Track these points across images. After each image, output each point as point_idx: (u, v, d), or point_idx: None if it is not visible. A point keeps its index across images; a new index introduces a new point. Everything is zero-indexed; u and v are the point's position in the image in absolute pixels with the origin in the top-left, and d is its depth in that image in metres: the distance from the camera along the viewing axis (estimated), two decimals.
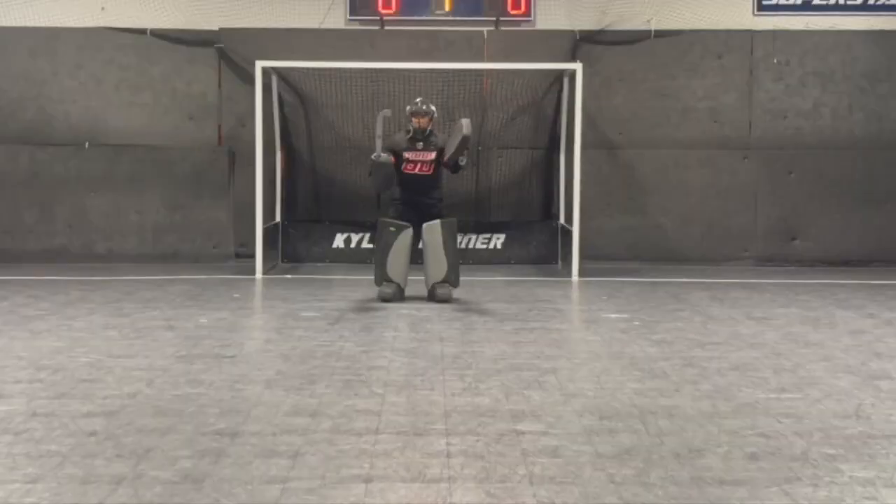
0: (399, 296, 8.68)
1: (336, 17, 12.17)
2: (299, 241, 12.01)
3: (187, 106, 12.18)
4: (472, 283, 9.81)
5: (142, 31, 12.03)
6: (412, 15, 12.15)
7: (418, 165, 8.77)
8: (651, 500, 3.86)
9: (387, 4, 12.07)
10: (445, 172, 8.95)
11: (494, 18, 12.13)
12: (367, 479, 4.05)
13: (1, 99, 12.07)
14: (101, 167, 11.94)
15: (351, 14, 12.16)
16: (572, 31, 12.08)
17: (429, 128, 8.79)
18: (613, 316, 8.23)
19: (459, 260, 9.02)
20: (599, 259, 11.70)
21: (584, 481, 4.07)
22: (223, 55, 12.09)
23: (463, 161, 8.75)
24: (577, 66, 10.90)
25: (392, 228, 8.64)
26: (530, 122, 12.09)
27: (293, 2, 12.03)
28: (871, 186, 12.05)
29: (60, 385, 5.62)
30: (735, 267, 11.83)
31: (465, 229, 11.94)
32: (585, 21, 12.11)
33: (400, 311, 8.30)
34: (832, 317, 8.28)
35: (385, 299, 8.61)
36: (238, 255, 11.96)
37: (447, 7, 12.14)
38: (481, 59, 11.99)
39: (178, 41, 12.06)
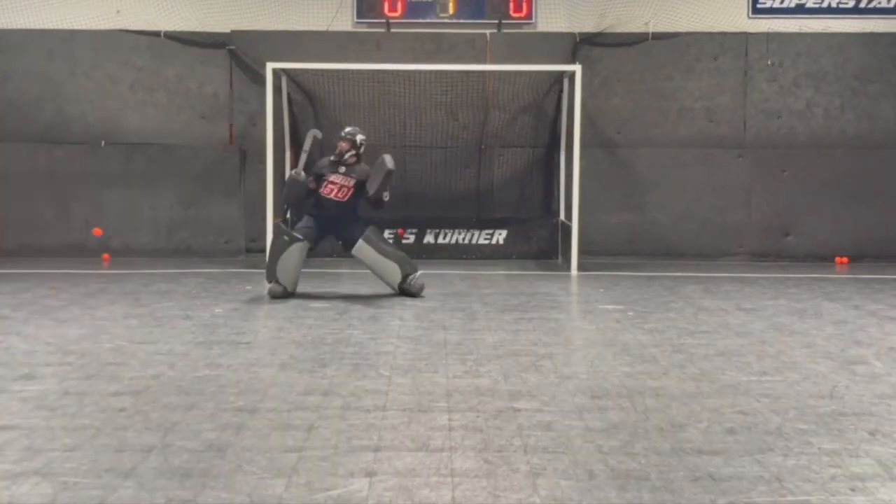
0: (285, 294, 8.88)
1: (344, 20, 12.50)
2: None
3: (200, 106, 12.52)
4: (475, 277, 10.19)
5: (156, 34, 12.38)
6: (417, 18, 12.47)
7: (335, 190, 8.98)
8: (634, 467, 4.24)
9: (393, 8, 12.40)
10: (363, 205, 9.10)
11: (497, 21, 12.44)
12: (376, 449, 4.43)
13: (20, 99, 12.43)
14: (116, 165, 12.29)
15: (358, 17, 12.49)
16: (572, 34, 12.40)
17: (347, 154, 9.00)
18: (609, 307, 8.59)
19: (400, 249, 9.24)
20: (598, 254, 12.06)
21: (574, 451, 4.44)
22: (235, 57, 12.43)
23: (386, 197, 8.95)
24: (577, 68, 11.21)
25: (285, 237, 8.87)
26: (531, 122, 12.41)
27: (302, 5, 12.35)
28: (862, 184, 12.35)
29: (88, 368, 6.01)
30: (729, 262, 12.18)
31: (468, 225, 12.32)
32: (585, 24, 12.42)
33: (405, 302, 8.68)
34: (818, 308, 8.63)
35: (275, 296, 8.86)
36: (248, 251, 12.32)
37: (451, 10, 12.45)
38: (484, 61, 12.30)
39: (191, 43, 12.40)
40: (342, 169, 9.03)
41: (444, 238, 12.26)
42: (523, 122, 12.39)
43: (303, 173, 8.94)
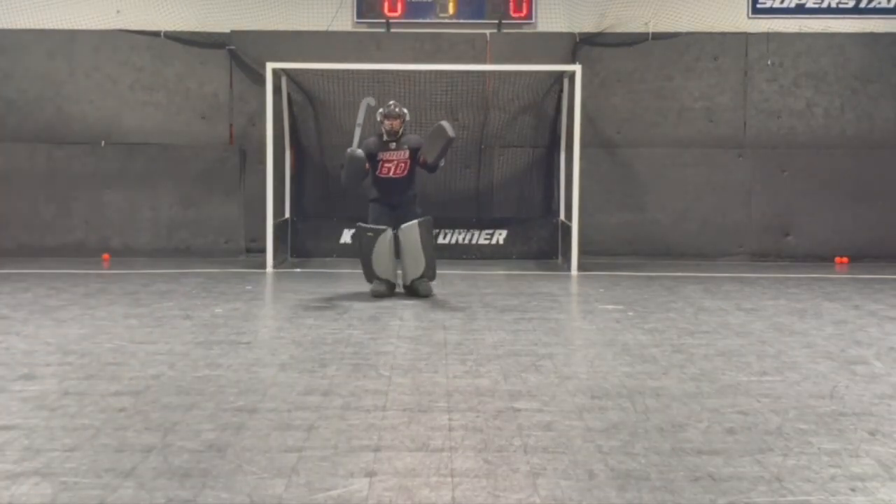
0: (390, 291, 8.97)
1: (343, 20, 12.51)
2: (308, 236, 12.35)
3: (200, 106, 12.53)
4: (475, 277, 10.20)
5: (156, 34, 12.39)
6: (417, 18, 12.48)
7: (393, 167, 8.98)
8: (634, 466, 4.24)
9: (393, 8, 12.41)
10: (419, 172, 9.15)
11: (497, 21, 12.45)
12: (376, 449, 4.43)
13: (20, 99, 12.44)
14: (116, 165, 12.29)
15: (358, 17, 12.50)
16: (572, 34, 12.41)
17: (401, 130, 9.01)
18: (609, 307, 8.60)
19: (436, 255, 9.22)
20: (598, 254, 12.06)
21: (574, 451, 4.44)
22: (235, 57, 12.44)
23: (442, 163, 8.99)
24: (577, 68, 11.21)
25: (370, 234, 8.89)
26: (531, 122, 12.42)
27: (302, 5, 12.37)
28: (862, 184, 12.35)
29: (88, 367, 6.01)
30: (729, 262, 12.19)
31: (468, 225, 12.32)
32: (585, 24, 12.43)
33: (405, 303, 8.68)
34: (818, 308, 8.63)
35: (378, 295, 8.89)
36: (249, 251, 12.32)
37: (451, 10, 12.46)
38: (484, 61, 12.31)
39: (191, 43, 12.42)
40: (392, 145, 8.97)
41: (444, 238, 12.26)
42: (523, 122, 12.40)
43: (359, 150, 8.83)
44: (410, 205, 9.11)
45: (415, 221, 8.89)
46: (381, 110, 9.09)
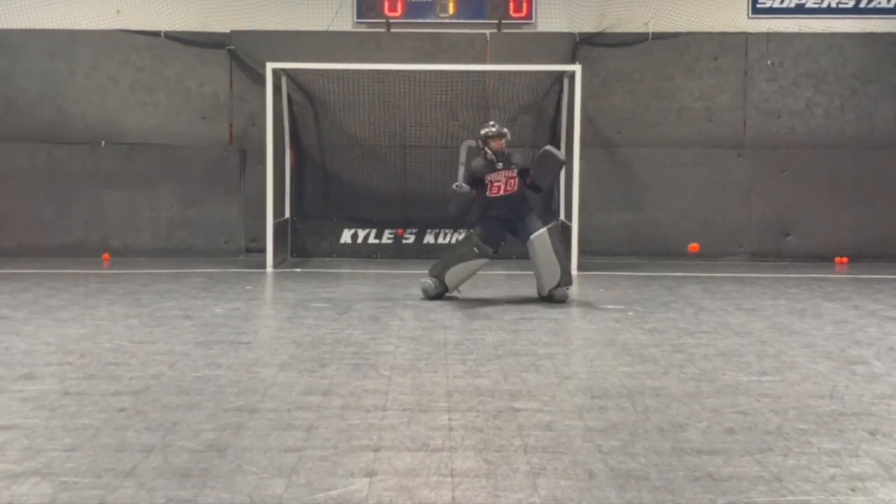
0: (439, 295, 8.89)
1: (343, 20, 12.52)
2: (308, 236, 12.36)
3: (200, 106, 12.54)
4: (475, 277, 10.14)
5: (156, 34, 12.41)
6: (417, 18, 12.50)
7: (503, 185, 8.85)
8: (634, 466, 4.24)
9: (393, 8, 12.42)
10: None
11: (497, 21, 12.47)
12: (376, 449, 4.43)
13: (20, 99, 12.45)
14: (116, 165, 12.31)
15: (358, 17, 12.51)
16: (572, 34, 12.42)
17: (506, 149, 8.91)
18: (609, 307, 8.60)
19: (569, 260, 9.08)
20: (598, 254, 12.07)
21: (574, 451, 4.44)
22: (235, 57, 12.45)
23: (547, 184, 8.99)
24: (577, 68, 11.23)
25: (476, 249, 8.80)
26: (531, 122, 12.43)
27: (302, 5, 12.37)
28: (862, 184, 12.37)
29: (88, 367, 6.01)
30: (729, 262, 12.19)
31: (468, 225, 12.27)
32: (585, 24, 12.44)
33: (406, 303, 8.68)
34: (818, 308, 8.63)
35: (426, 293, 8.86)
36: (249, 250, 12.33)
37: (451, 10, 12.47)
38: (484, 61, 12.32)
39: (191, 43, 12.43)
40: (499, 165, 8.88)
41: (445, 238, 12.26)
42: (523, 122, 12.41)
43: (465, 185, 8.81)
44: (530, 214, 8.97)
45: (544, 229, 8.76)
46: (483, 131, 8.96)
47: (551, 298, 8.82)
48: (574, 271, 10.89)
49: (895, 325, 7.81)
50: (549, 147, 8.98)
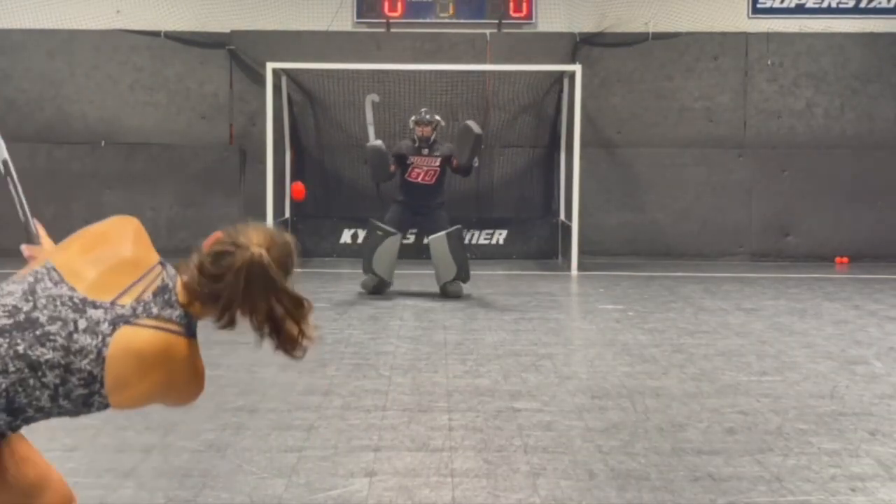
0: (381, 288, 9.06)
1: (343, 20, 12.50)
2: (308, 236, 12.34)
3: (200, 106, 12.53)
4: (475, 277, 10.13)
5: (156, 34, 12.37)
6: (417, 18, 12.48)
7: (422, 173, 9.04)
8: (634, 466, 4.24)
9: (393, 8, 12.41)
10: (448, 178, 9.25)
11: (497, 21, 12.45)
12: (376, 449, 4.44)
13: (20, 99, 12.44)
14: (116, 165, 12.29)
15: (358, 17, 12.49)
16: (572, 34, 12.40)
17: (432, 136, 9.05)
18: (609, 307, 8.60)
19: (468, 259, 9.31)
20: (598, 254, 12.05)
21: (574, 451, 4.45)
22: (234, 57, 12.44)
23: (476, 163, 9.07)
24: (577, 68, 11.22)
25: (379, 233, 8.96)
26: (531, 122, 12.42)
27: (302, 5, 12.35)
28: (862, 184, 12.33)
29: None
30: (729, 262, 12.18)
31: (468, 225, 12.30)
32: (585, 24, 12.42)
33: (405, 303, 8.69)
34: (818, 308, 8.64)
35: (366, 288, 9.07)
36: None
37: (451, 10, 12.46)
38: (484, 61, 12.30)
39: (191, 43, 12.40)
40: (425, 151, 9.02)
41: None
42: (523, 122, 12.40)
43: (377, 141, 8.89)
44: (438, 211, 9.15)
45: (443, 234, 8.92)
46: (413, 117, 9.19)
47: (445, 292, 8.98)
48: (574, 271, 10.92)
49: (895, 325, 7.81)
50: (468, 121, 9.09)
